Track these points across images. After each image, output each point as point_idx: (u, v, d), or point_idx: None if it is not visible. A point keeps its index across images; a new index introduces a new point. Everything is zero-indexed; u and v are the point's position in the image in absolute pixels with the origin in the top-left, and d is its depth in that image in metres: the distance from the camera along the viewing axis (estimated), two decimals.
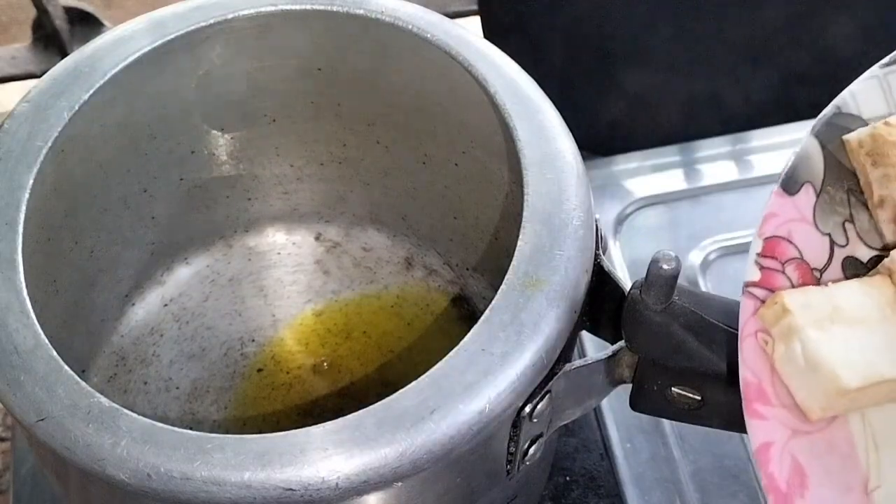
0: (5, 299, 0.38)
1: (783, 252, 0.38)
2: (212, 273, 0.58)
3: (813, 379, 0.36)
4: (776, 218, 0.38)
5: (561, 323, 0.38)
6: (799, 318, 0.36)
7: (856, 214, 0.39)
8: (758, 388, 0.37)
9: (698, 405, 0.41)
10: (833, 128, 0.39)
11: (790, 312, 0.36)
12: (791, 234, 0.38)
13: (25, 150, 0.42)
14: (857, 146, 0.39)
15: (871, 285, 0.38)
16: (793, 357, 0.36)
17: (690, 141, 0.69)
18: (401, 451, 0.35)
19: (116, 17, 0.86)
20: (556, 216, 0.40)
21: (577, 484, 0.56)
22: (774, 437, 0.37)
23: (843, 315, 0.37)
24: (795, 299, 0.37)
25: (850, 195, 0.39)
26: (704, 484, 0.55)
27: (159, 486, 0.34)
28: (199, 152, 0.53)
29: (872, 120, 0.39)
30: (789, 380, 0.37)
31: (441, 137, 0.51)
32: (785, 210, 0.38)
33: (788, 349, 0.36)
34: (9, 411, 0.37)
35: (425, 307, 0.57)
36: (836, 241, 0.39)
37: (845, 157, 0.39)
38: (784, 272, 0.38)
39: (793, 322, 0.36)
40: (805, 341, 0.36)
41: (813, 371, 0.36)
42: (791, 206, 0.39)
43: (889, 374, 0.36)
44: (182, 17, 0.46)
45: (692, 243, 0.64)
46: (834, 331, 0.36)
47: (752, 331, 0.38)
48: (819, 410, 0.36)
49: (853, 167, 0.39)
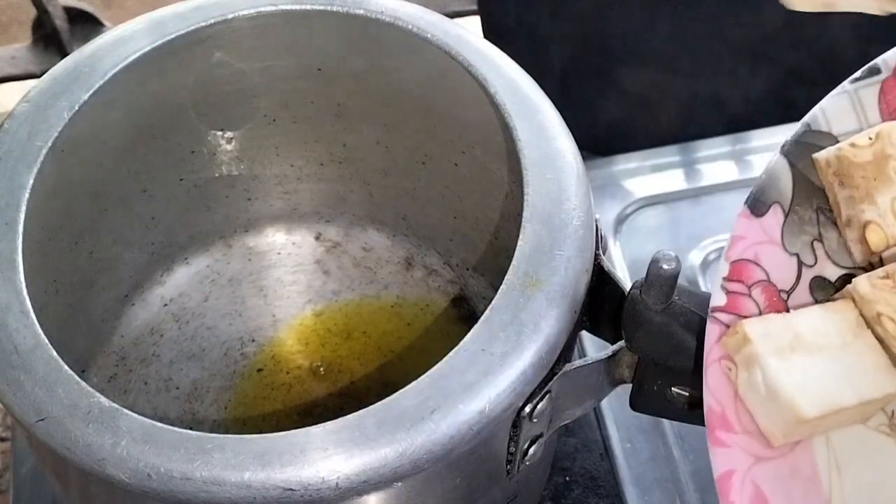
0: (5, 299, 0.38)
1: (750, 275, 0.38)
2: (212, 273, 0.58)
3: (773, 407, 0.36)
4: (743, 241, 0.38)
5: (561, 323, 0.38)
6: (759, 346, 0.36)
7: (825, 233, 0.39)
8: (721, 416, 0.37)
9: (698, 405, 0.41)
10: (803, 146, 0.39)
11: (751, 341, 0.36)
12: (758, 257, 0.38)
13: (25, 150, 0.42)
14: (825, 165, 0.38)
15: (834, 311, 0.37)
16: (754, 385, 0.36)
17: (690, 141, 0.69)
18: (401, 451, 0.35)
19: (116, 17, 0.86)
20: (556, 216, 0.40)
21: (577, 484, 0.56)
22: (736, 464, 0.37)
23: (804, 343, 0.37)
24: (756, 328, 0.37)
25: (820, 213, 0.39)
26: (704, 484, 0.55)
27: (159, 486, 0.34)
28: (199, 152, 0.53)
29: (843, 137, 0.39)
30: (752, 406, 0.37)
31: (441, 137, 0.51)
32: (752, 232, 0.38)
33: (750, 377, 0.37)
34: (9, 411, 0.37)
35: (425, 307, 0.57)
36: (804, 261, 0.39)
37: (815, 175, 0.39)
38: (751, 296, 0.38)
39: (753, 350, 0.36)
40: (765, 370, 0.36)
41: (773, 399, 0.36)
42: (758, 228, 0.38)
43: (847, 403, 0.36)
44: (182, 17, 0.46)
45: (692, 243, 0.64)
46: (794, 359, 0.36)
47: (717, 357, 0.37)
48: (781, 437, 0.36)
49: (822, 185, 0.39)
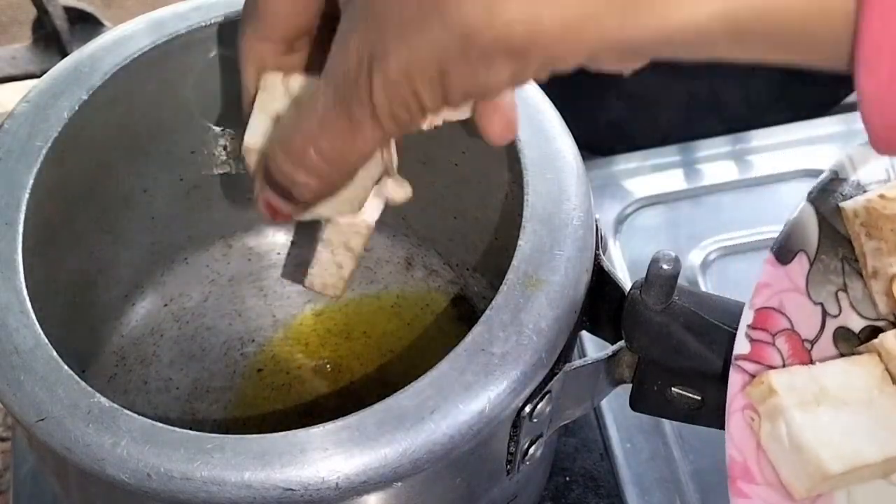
0: (5, 299, 0.38)
1: (774, 324, 0.38)
2: (212, 273, 0.58)
3: (797, 460, 0.36)
4: (768, 288, 0.38)
5: (561, 323, 0.38)
6: (785, 398, 0.36)
7: (850, 283, 0.39)
8: (742, 467, 0.37)
9: (698, 405, 0.41)
10: (829, 194, 0.39)
11: (776, 393, 0.36)
12: (783, 305, 0.38)
13: (25, 150, 0.42)
14: (853, 215, 0.38)
15: (859, 365, 0.37)
16: (778, 437, 0.36)
17: (690, 141, 0.69)
18: (401, 451, 0.35)
19: (116, 17, 0.86)
20: (556, 216, 0.40)
21: (577, 484, 0.56)
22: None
23: (829, 396, 0.36)
24: (782, 380, 0.37)
25: (845, 263, 0.39)
26: (704, 484, 0.55)
27: (159, 486, 0.34)
28: (199, 152, 0.53)
29: (870, 186, 0.39)
30: (775, 458, 0.37)
31: (441, 137, 0.51)
32: (777, 280, 0.38)
33: (774, 429, 0.36)
34: (9, 411, 0.37)
35: (425, 307, 0.57)
36: (828, 311, 0.39)
37: (840, 223, 0.39)
38: (774, 344, 0.38)
39: (779, 403, 0.36)
40: (790, 423, 0.36)
41: (797, 453, 0.36)
42: (784, 276, 0.38)
43: (872, 459, 0.36)
44: (182, 17, 0.46)
45: (692, 243, 0.64)
46: (819, 413, 0.36)
47: (740, 406, 0.37)
48: (803, 490, 0.36)
49: (849, 234, 0.39)
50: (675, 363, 0.40)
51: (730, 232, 0.64)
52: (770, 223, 0.65)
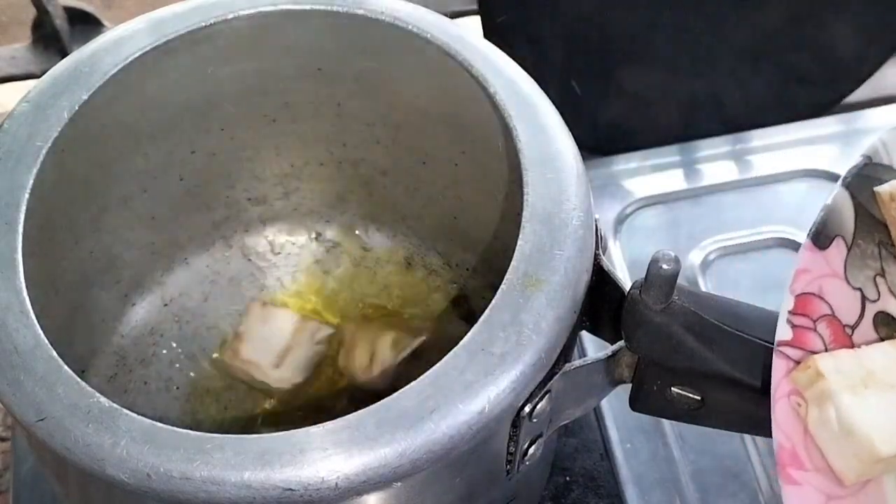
0: (5, 299, 0.38)
1: (815, 309, 0.38)
2: (212, 273, 0.58)
3: (847, 444, 0.36)
4: (807, 274, 0.38)
5: (561, 323, 0.38)
6: (832, 382, 0.36)
7: (887, 268, 0.39)
8: (791, 453, 0.37)
9: (698, 405, 0.41)
10: (864, 179, 0.39)
11: (823, 377, 0.36)
12: (822, 290, 0.38)
13: (25, 150, 0.42)
14: (889, 199, 0.38)
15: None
16: (827, 422, 0.36)
17: (690, 141, 0.69)
18: (400, 451, 0.35)
19: (116, 17, 0.86)
20: (556, 216, 0.40)
21: (577, 484, 0.56)
22: (809, 503, 0.36)
23: (876, 379, 0.36)
24: (828, 364, 0.36)
25: (881, 248, 0.39)
26: (704, 484, 0.55)
27: (159, 486, 0.34)
28: (199, 152, 0.53)
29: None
30: (823, 444, 0.37)
31: (441, 137, 0.51)
32: (816, 265, 0.38)
33: (822, 414, 0.36)
34: (9, 411, 0.37)
35: (425, 307, 0.57)
36: (867, 296, 0.38)
37: (876, 208, 0.39)
38: (816, 330, 0.38)
39: (826, 387, 0.36)
40: (839, 406, 0.36)
41: (847, 437, 0.36)
42: (822, 261, 0.38)
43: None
44: (182, 17, 0.46)
45: (692, 243, 0.64)
46: (867, 395, 0.36)
47: (785, 392, 0.37)
48: (853, 476, 0.36)
49: (884, 219, 0.39)
50: (675, 363, 0.40)
51: (730, 232, 0.64)
52: (770, 223, 0.65)
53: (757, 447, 0.56)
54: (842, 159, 0.68)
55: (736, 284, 0.62)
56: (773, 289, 0.62)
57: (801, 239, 0.63)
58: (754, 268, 0.63)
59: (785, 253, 0.64)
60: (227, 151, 0.54)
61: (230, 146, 0.53)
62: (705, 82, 0.70)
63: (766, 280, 0.63)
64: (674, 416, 0.43)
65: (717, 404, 0.41)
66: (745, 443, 0.56)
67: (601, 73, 0.69)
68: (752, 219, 0.65)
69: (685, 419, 0.43)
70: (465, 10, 0.81)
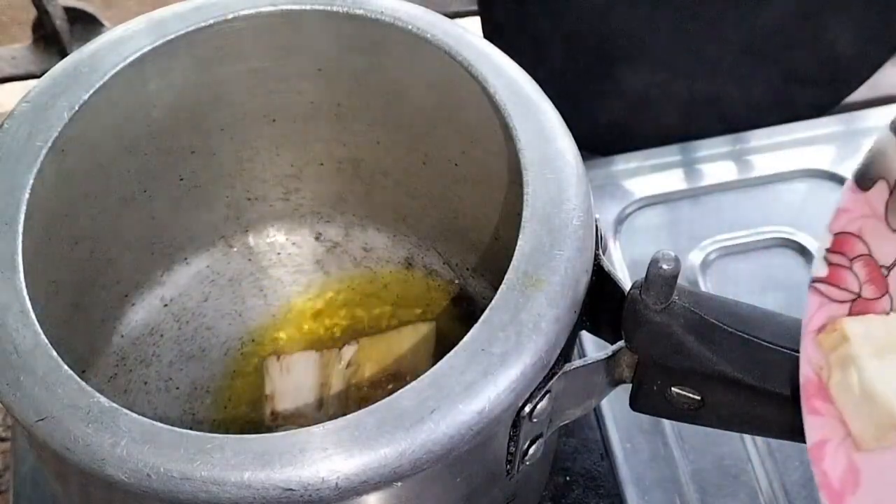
0: (5, 299, 0.38)
1: (852, 248, 0.38)
2: (212, 273, 0.58)
3: (867, 409, 0.36)
4: (847, 214, 0.38)
5: (561, 323, 0.38)
6: (858, 347, 0.36)
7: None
8: (818, 385, 0.37)
9: (698, 405, 0.41)
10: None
11: (849, 341, 0.36)
12: (861, 231, 0.38)
13: (25, 150, 0.42)
14: None
15: None
16: (848, 386, 0.36)
17: (690, 141, 0.69)
18: (400, 451, 0.35)
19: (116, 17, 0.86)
20: (556, 216, 0.40)
21: (577, 484, 0.56)
22: (830, 434, 0.36)
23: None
24: (856, 327, 0.37)
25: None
26: (704, 484, 0.55)
27: (159, 486, 0.34)
28: (199, 152, 0.53)
29: None
30: (843, 408, 0.37)
31: (441, 137, 0.51)
32: (857, 206, 0.38)
33: (844, 377, 0.36)
34: (9, 411, 0.37)
35: (425, 307, 0.57)
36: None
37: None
38: (852, 269, 0.38)
39: (851, 351, 0.36)
40: (861, 371, 0.36)
41: (868, 402, 0.36)
42: (863, 202, 0.38)
43: None
44: (182, 17, 0.46)
45: (692, 243, 0.64)
46: (892, 362, 0.36)
47: (816, 327, 0.37)
48: (872, 441, 0.36)
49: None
50: (674, 363, 0.40)
51: (730, 232, 0.64)
52: (770, 223, 0.65)
53: (757, 447, 0.56)
54: (842, 159, 0.68)
55: (736, 284, 0.62)
56: (773, 289, 0.62)
57: (801, 239, 0.63)
58: (754, 268, 0.63)
59: (785, 253, 0.64)
60: (227, 151, 0.54)
61: (230, 146, 0.53)
62: (705, 82, 0.70)
63: (766, 280, 0.63)
64: (674, 416, 0.43)
65: (717, 404, 0.41)
66: (745, 443, 0.56)
67: (601, 73, 0.69)
68: (752, 219, 0.65)
69: (685, 419, 0.43)
70: (465, 10, 0.81)
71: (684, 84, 0.69)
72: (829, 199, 0.66)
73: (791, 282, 0.62)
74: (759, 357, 0.39)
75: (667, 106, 0.70)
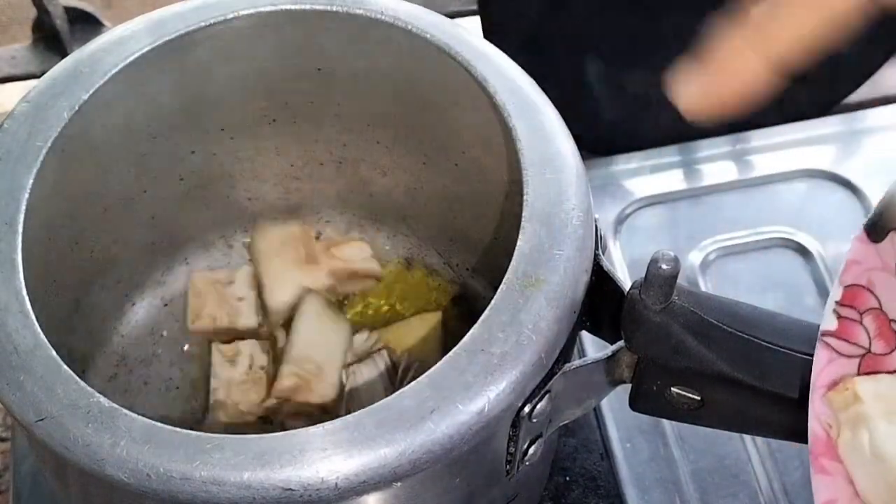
0: (5, 299, 0.38)
1: (862, 301, 0.37)
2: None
3: (877, 471, 0.36)
4: (858, 266, 0.37)
5: (560, 323, 0.38)
6: (870, 407, 0.36)
7: None
8: (826, 443, 0.36)
9: (698, 405, 0.41)
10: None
11: (861, 401, 0.36)
12: (871, 283, 0.37)
13: (25, 150, 0.42)
14: None
15: None
16: (859, 447, 0.36)
17: (690, 141, 0.69)
18: (400, 451, 0.35)
19: (116, 17, 0.86)
20: (555, 216, 0.40)
21: (577, 484, 0.56)
22: (838, 494, 0.36)
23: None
24: (868, 387, 0.36)
25: None
26: (704, 484, 0.55)
27: (159, 486, 0.34)
28: (199, 152, 0.53)
29: None
30: (852, 468, 0.36)
31: (441, 137, 0.51)
32: (867, 258, 0.37)
33: (855, 438, 0.36)
34: (9, 411, 0.37)
35: (425, 307, 0.57)
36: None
37: None
38: (861, 322, 0.37)
39: (863, 411, 0.36)
40: (873, 432, 0.35)
41: (878, 464, 0.35)
42: (874, 254, 0.37)
43: None
44: (182, 17, 0.46)
45: (692, 243, 0.64)
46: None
47: (825, 383, 0.37)
48: (881, 503, 0.36)
49: None
50: (674, 363, 0.40)
51: (730, 232, 0.64)
52: (770, 223, 0.65)
53: (757, 447, 0.56)
54: (842, 159, 0.68)
55: (736, 284, 0.62)
56: (773, 289, 0.62)
57: (801, 239, 0.63)
58: (754, 268, 0.63)
59: (785, 253, 0.64)
60: (227, 151, 0.54)
61: (230, 146, 0.53)
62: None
63: (766, 280, 0.63)
64: (674, 416, 0.43)
65: (717, 404, 0.41)
66: (745, 443, 0.56)
67: (601, 73, 0.68)
68: (752, 219, 0.65)
69: (685, 419, 0.43)
70: (465, 10, 0.81)
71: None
72: (829, 200, 0.66)
73: (791, 282, 0.62)
74: (758, 357, 0.39)
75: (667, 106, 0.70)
